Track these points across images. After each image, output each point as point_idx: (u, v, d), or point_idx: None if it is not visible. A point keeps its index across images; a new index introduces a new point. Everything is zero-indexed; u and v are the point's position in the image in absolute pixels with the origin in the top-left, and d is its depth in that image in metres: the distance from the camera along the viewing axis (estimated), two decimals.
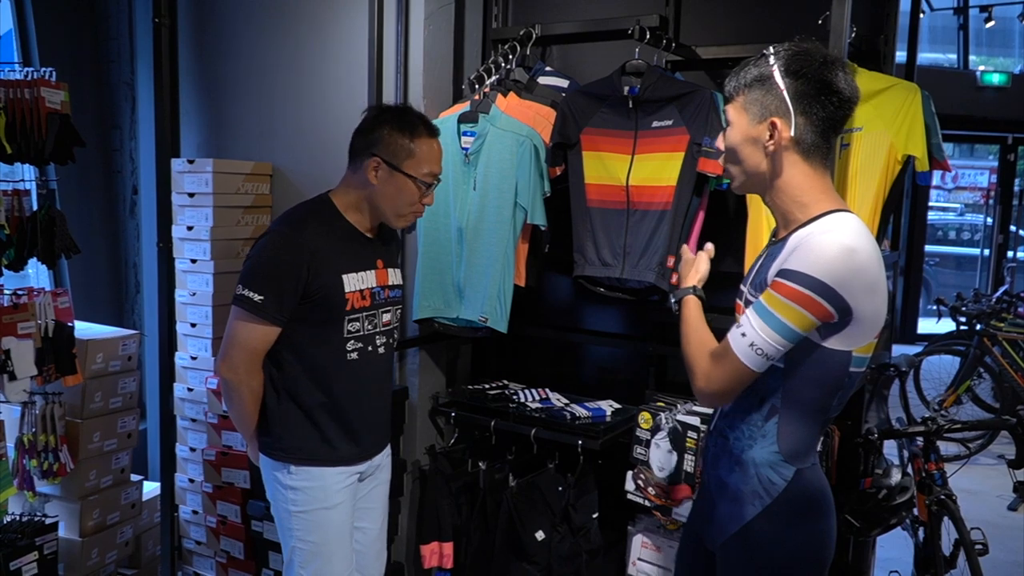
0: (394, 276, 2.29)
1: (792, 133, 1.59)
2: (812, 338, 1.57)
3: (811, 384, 1.63)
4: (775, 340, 1.53)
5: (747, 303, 1.69)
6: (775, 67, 1.60)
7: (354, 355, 2.16)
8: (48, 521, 2.91)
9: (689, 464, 2.47)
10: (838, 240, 1.51)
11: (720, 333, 1.67)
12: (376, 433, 2.30)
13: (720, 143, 1.72)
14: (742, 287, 1.78)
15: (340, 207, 2.16)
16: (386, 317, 2.25)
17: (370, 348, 2.20)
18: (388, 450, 2.40)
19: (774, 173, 1.64)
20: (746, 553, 1.70)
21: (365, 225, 2.19)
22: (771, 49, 1.63)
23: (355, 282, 2.14)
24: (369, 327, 2.19)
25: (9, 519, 2.87)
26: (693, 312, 1.78)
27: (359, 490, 2.30)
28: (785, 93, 1.58)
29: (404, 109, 2.17)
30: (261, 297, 2.02)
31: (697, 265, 1.90)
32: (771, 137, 1.61)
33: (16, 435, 2.95)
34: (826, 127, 1.61)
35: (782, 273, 1.52)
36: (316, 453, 2.15)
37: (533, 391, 3.00)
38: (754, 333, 1.54)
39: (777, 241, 1.68)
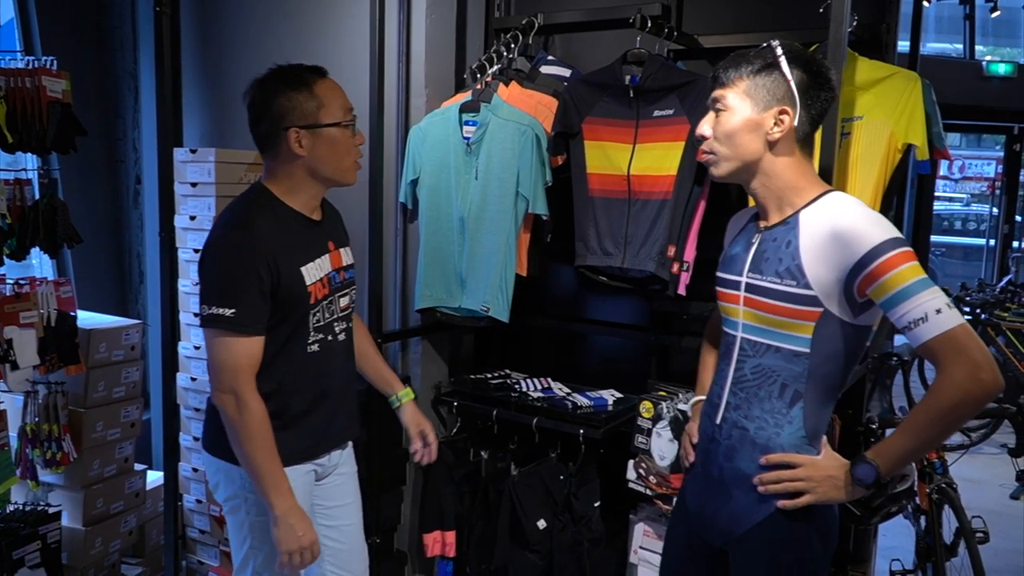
0: (346, 255, 2.16)
1: (795, 122, 1.64)
2: (844, 317, 1.61)
3: (836, 363, 1.66)
4: (942, 293, 1.52)
5: (754, 288, 1.70)
6: (783, 57, 1.64)
7: (314, 347, 2.03)
8: (51, 510, 2.92)
9: None
10: (866, 211, 1.60)
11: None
12: (340, 423, 2.17)
13: (705, 129, 1.72)
14: (730, 275, 1.78)
15: (279, 195, 2.00)
16: (343, 302, 2.13)
17: (330, 337, 2.08)
18: (349, 446, 2.29)
19: (768, 160, 1.68)
20: (771, 541, 1.71)
21: (310, 207, 2.04)
22: (774, 41, 1.67)
23: (314, 272, 2.00)
24: (328, 315, 2.06)
25: (12, 508, 2.89)
26: (892, 443, 1.62)
27: (319, 491, 2.18)
28: (792, 84, 1.63)
29: (279, 71, 1.97)
30: (232, 310, 1.85)
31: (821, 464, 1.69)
32: (776, 125, 1.64)
33: (19, 424, 2.96)
34: (817, 119, 1.68)
35: (867, 260, 1.53)
36: (279, 452, 1.97)
37: (535, 380, 3.00)
38: (937, 300, 1.49)
39: (773, 225, 1.71)
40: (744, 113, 1.66)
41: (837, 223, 1.58)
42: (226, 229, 1.95)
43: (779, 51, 1.64)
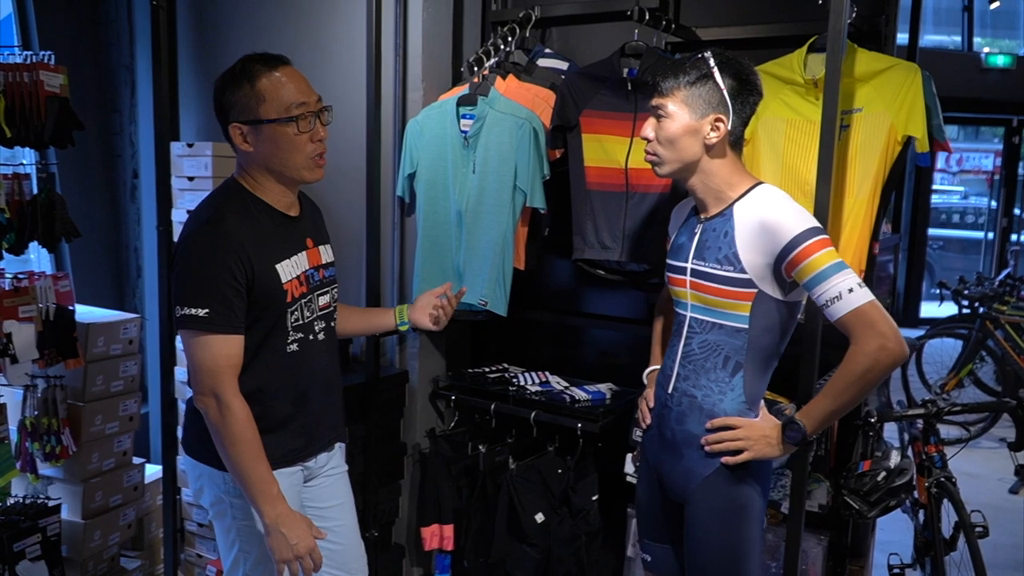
0: (326, 253, 2.09)
1: (729, 127, 1.85)
2: (775, 295, 1.86)
3: (771, 336, 1.90)
4: (852, 274, 1.77)
5: (698, 274, 1.92)
6: (716, 68, 1.84)
7: (294, 347, 1.97)
8: (51, 503, 2.92)
9: None
10: (789, 203, 1.85)
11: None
12: (326, 424, 2.12)
13: (648, 132, 1.91)
14: (677, 262, 2.00)
15: (250, 189, 1.94)
16: (323, 300, 2.06)
17: (310, 337, 2.01)
18: (339, 446, 2.24)
19: (706, 160, 1.89)
20: (717, 492, 1.95)
21: (285, 202, 1.98)
22: (706, 52, 1.86)
23: (290, 269, 1.94)
24: (308, 314, 2.00)
25: (12, 501, 2.89)
26: (815, 405, 1.89)
27: (311, 493, 2.14)
28: (725, 92, 1.84)
29: (236, 63, 1.91)
30: (206, 310, 1.80)
31: (758, 425, 1.95)
32: (713, 130, 1.85)
33: (18, 418, 2.96)
34: (746, 121, 1.90)
35: (790, 247, 1.78)
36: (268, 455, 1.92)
37: (533, 374, 3.00)
38: (848, 280, 1.75)
39: (712, 217, 1.93)
40: (683, 120, 1.87)
41: (765, 215, 1.83)
42: (196, 226, 1.89)
43: (712, 62, 1.84)
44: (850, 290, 1.74)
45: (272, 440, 1.94)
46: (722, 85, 1.84)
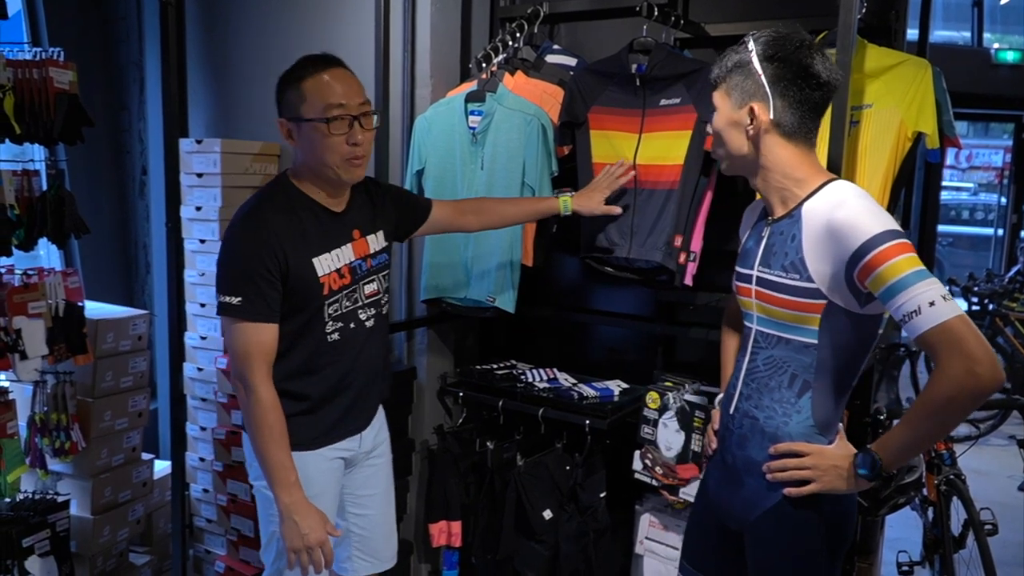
0: (375, 242, 2.14)
1: (771, 116, 1.66)
2: (850, 307, 1.62)
3: (845, 353, 1.67)
4: (938, 283, 1.50)
5: (764, 282, 1.72)
6: (753, 53, 1.67)
7: (335, 335, 2.04)
8: (60, 499, 2.94)
9: (696, 444, 2.47)
10: (864, 201, 1.60)
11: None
12: (367, 406, 2.19)
13: (710, 128, 1.80)
14: (744, 269, 1.80)
15: (298, 184, 2.03)
16: (370, 288, 2.12)
17: (353, 324, 2.08)
18: (384, 431, 2.32)
19: (759, 155, 1.71)
20: (778, 527, 1.73)
21: (329, 198, 2.05)
22: (751, 35, 1.70)
23: (329, 263, 2.01)
24: (348, 304, 2.06)
25: (22, 497, 2.90)
26: (892, 435, 1.62)
27: (350, 480, 2.22)
28: (763, 77, 1.66)
29: (293, 64, 2.01)
30: (239, 298, 1.89)
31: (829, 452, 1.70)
32: (751, 121, 1.69)
33: (28, 414, 2.97)
34: (805, 109, 1.67)
35: (863, 252, 1.52)
36: (297, 437, 2.00)
37: (541, 371, 3.00)
38: (931, 292, 1.47)
39: (780, 218, 1.73)
40: (725, 112, 1.73)
41: (833, 216, 1.59)
42: (236, 220, 1.98)
43: (750, 46, 1.68)
44: (932, 303, 1.46)
45: (310, 421, 2.04)
46: (759, 70, 1.65)
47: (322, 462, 2.08)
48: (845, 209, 1.58)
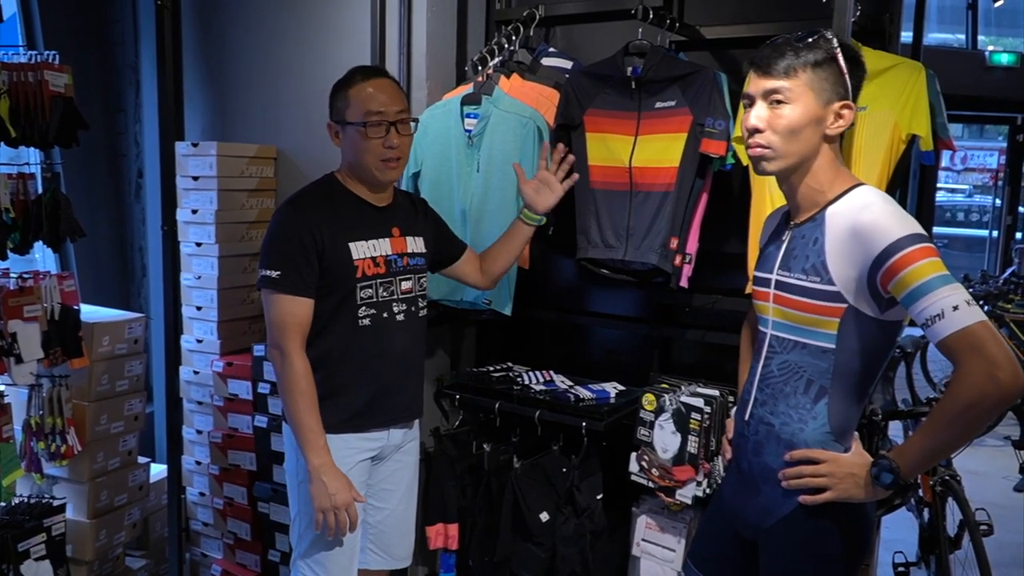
0: (414, 244, 2.29)
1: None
2: (869, 313, 1.60)
3: (863, 359, 1.64)
4: (962, 289, 1.49)
5: (783, 286, 1.70)
6: (838, 50, 1.61)
7: (366, 321, 2.17)
8: (56, 503, 2.92)
9: (693, 445, 2.47)
10: (889, 206, 1.59)
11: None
12: (395, 402, 2.26)
13: (756, 121, 1.66)
14: (762, 273, 1.78)
15: (342, 181, 2.22)
16: (406, 285, 2.25)
17: (385, 315, 2.19)
18: (415, 433, 2.40)
19: (817, 156, 1.66)
20: (794, 535, 1.71)
21: (376, 194, 2.22)
22: (827, 31, 1.64)
23: (365, 250, 2.16)
24: (384, 294, 2.19)
25: (17, 501, 2.89)
26: (911, 443, 1.59)
27: (375, 472, 2.30)
28: (847, 78, 1.62)
29: (347, 72, 2.20)
30: (278, 272, 2.06)
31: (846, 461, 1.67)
32: (837, 121, 1.64)
33: (24, 418, 2.96)
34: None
35: (886, 255, 1.51)
36: (325, 418, 2.11)
37: (537, 373, 3.00)
38: (954, 296, 1.46)
39: (803, 222, 1.71)
40: (809, 107, 1.62)
41: (857, 219, 1.57)
42: (283, 205, 2.19)
43: (835, 43, 1.61)
44: (955, 307, 1.44)
45: (336, 404, 2.16)
46: (845, 68, 1.61)
47: (353, 451, 2.18)
48: (870, 212, 1.57)
